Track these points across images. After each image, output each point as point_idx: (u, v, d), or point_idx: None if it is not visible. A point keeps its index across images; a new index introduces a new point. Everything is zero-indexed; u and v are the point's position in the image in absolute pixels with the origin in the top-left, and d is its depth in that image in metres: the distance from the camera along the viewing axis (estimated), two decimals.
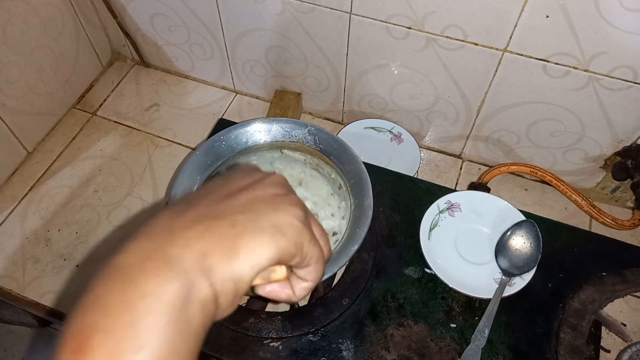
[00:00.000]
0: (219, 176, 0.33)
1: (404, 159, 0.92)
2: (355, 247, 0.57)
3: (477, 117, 0.88)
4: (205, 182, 0.63)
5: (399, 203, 0.73)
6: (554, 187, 0.89)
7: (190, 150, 1.00)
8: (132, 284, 0.23)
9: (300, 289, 0.30)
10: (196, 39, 1.00)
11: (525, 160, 0.92)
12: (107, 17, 1.04)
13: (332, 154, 0.67)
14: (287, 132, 0.69)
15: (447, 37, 0.76)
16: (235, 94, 1.10)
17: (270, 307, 0.69)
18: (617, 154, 0.83)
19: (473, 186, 0.88)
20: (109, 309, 0.22)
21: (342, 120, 1.04)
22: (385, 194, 0.74)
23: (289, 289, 0.30)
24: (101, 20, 1.07)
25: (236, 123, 0.69)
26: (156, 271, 0.23)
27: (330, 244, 0.36)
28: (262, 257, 0.25)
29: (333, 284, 0.66)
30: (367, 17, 0.79)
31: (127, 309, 0.22)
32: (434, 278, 0.66)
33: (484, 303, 0.64)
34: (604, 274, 0.66)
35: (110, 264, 0.24)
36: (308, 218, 0.30)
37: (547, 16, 0.67)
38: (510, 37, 0.72)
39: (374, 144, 0.95)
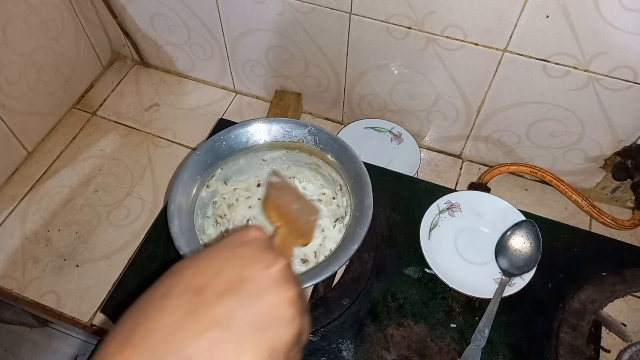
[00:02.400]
0: (230, 240, 0.34)
1: (404, 159, 0.92)
2: (355, 247, 0.57)
3: (477, 117, 0.88)
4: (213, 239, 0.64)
5: (399, 203, 0.73)
6: (554, 187, 0.89)
7: (190, 150, 1.00)
8: None
9: None
10: (196, 39, 1.00)
11: (525, 160, 0.92)
12: (107, 17, 1.04)
13: (332, 153, 0.67)
14: (287, 132, 0.69)
15: (447, 37, 0.76)
16: (235, 94, 1.10)
17: None
18: (617, 154, 0.83)
19: (473, 186, 0.88)
20: None
21: (342, 120, 1.04)
22: (385, 194, 0.74)
23: None
24: (101, 20, 1.07)
25: (236, 123, 0.69)
26: None
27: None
28: None
29: (333, 284, 0.66)
30: (367, 17, 0.79)
31: None
32: (434, 278, 0.66)
33: (484, 303, 0.64)
34: (604, 274, 0.66)
35: (123, 356, 0.26)
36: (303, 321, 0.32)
37: (547, 16, 0.67)
38: (510, 37, 0.72)
39: (374, 144, 0.95)
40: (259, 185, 0.71)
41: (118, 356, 0.26)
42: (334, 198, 0.69)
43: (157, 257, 0.69)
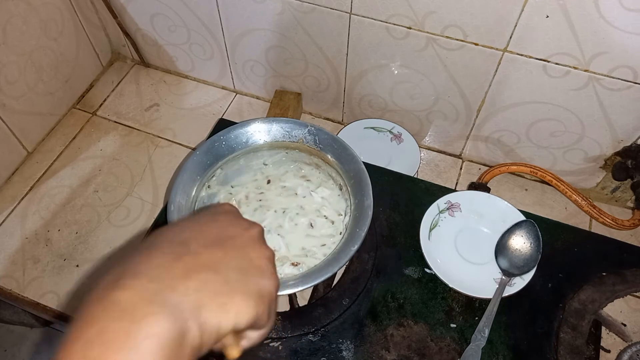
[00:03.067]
0: (205, 211, 0.36)
1: (404, 159, 0.92)
2: (355, 247, 0.57)
3: (477, 117, 0.88)
4: (195, 210, 0.64)
5: (399, 203, 0.73)
6: (554, 187, 0.89)
7: (190, 150, 1.00)
8: (136, 323, 0.24)
9: (243, 344, 0.33)
10: (196, 39, 1.00)
11: (525, 160, 0.92)
12: (107, 17, 1.04)
13: (332, 153, 0.67)
14: (287, 132, 0.68)
15: (447, 37, 0.76)
16: (235, 94, 1.10)
17: None
18: (617, 154, 0.83)
19: (473, 186, 0.88)
20: (113, 345, 0.24)
21: (342, 120, 1.04)
22: (385, 194, 0.74)
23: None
24: (101, 20, 1.07)
25: (236, 123, 0.69)
26: (158, 316, 0.25)
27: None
28: (244, 318, 0.28)
29: (333, 284, 0.66)
30: (367, 17, 0.79)
31: (132, 347, 0.24)
32: (434, 278, 0.66)
33: (484, 303, 0.64)
34: (604, 274, 0.66)
35: (112, 299, 0.25)
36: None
37: (547, 16, 0.67)
38: (510, 37, 0.72)
39: (374, 144, 0.95)
40: (268, 182, 0.70)
41: (109, 297, 0.25)
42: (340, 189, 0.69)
43: None
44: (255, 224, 0.35)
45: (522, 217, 0.68)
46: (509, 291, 0.63)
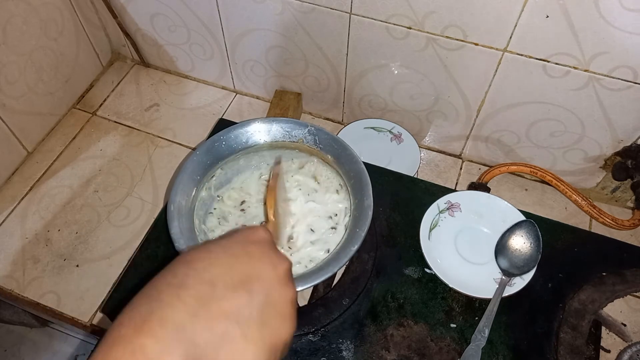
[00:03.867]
0: (238, 237, 0.35)
1: (404, 159, 0.92)
2: (355, 247, 0.57)
3: (477, 117, 0.88)
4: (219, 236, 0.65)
5: (399, 203, 0.73)
6: (554, 187, 0.89)
7: (190, 150, 1.00)
8: None
9: None
10: (196, 39, 1.00)
11: (525, 160, 0.92)
12: (107, 17, 1.04)
13: (332, 154, 0.67)
14: (287, 132, 0.69)
15: (447, 37, 0.76)
16: (235, 94, 1.10)
17: None
18: (617, 154, 0.83)
19: (473, 186, 0.88)
20: None
21: (342, 120, 1.04)
22: (385, 194, 0.74)
23: None
24: (101, 20, 1.07)
25: (236, 123, 0.69)
26: None
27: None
28: None
29: (333, 284, 0.66)
30: (367, 17, 0.79)
31: None
32: (434, 278, 0.66)
33: (484, 303, 0.64)
34: (604, 274, 0.66)
35: (139, 344, 0.27)
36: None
37: (547, 16, 0.67)
38: (510, 37, 0.72)
39: (374, 144, 0.95)
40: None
41: (134, 342, 0.27)
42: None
43: (157, 257, 0.69)
44: (284, 260, 0.35)
45: (522, 217, 0.68)
46: (509, 291, 0.63)
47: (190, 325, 0.28)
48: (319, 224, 0.65)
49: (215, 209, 0.68)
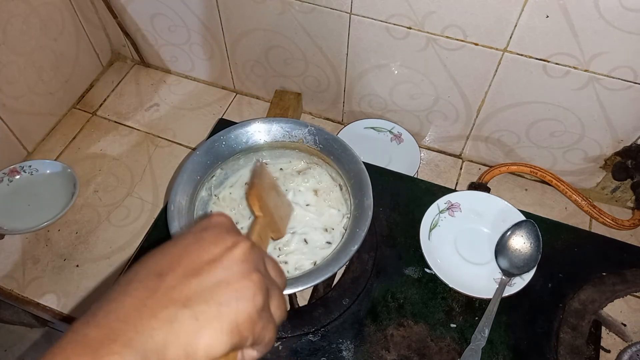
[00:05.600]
0: (194, 227, 0.35)
1: (404, 159, 0.92)
2: (355, 247, 0.57)
3: (477, 117, 0.88)
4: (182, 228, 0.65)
5: (399, 203, 0.73)
6: (554, 187, 0.89)
7: (190, 150, 1.00)
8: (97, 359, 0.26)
9: (248, 358, 0.33)
10: (196, 39, 1.00)
11: (525, 160, 0.92)
12: (107, 17, 1.04)
13: (332, 154, 0.67)
14: (287, 132, 0.68)
15: (447, 37, 0.76)
16: (235, 94, 1.10)
17: None
18: (617, 154, 0.83)
19: (473, 186, 0.88)
20: None
21: (342, 120, 1.04)
22: (385, 194, 0.74)
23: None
24: (101, 20, 1.07)
25: (236, 123, 0.69)
26: (120, 355, 0.26)
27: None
28: (218, 351, 0.29)
29: (333, 284, 0.66)
30: (367, 17, 0.79)
31: None
32: (434, 278, 0.66)
33: (484, 303, 0.64)
34: (604, 274, 0.66)
35: (82, 334, 0.27)
36: (268, 298, 0.32)
37: (547, 16, 0.67)
38: (511, 37, 0.72)
39: (374, 144, 0.95)
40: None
41: (80, 331, 0.27)
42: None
43: None
44: (241, 239, 0.33)
45: (522, 217, 0.68)
46: (509, 291, 0.63)
47: (136, 315, 0.28)
48: (314, 235, 0.65)
49: (211, 211, 0.68)
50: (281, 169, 0.71)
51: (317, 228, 0.65)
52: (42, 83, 0.97)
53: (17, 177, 0.91)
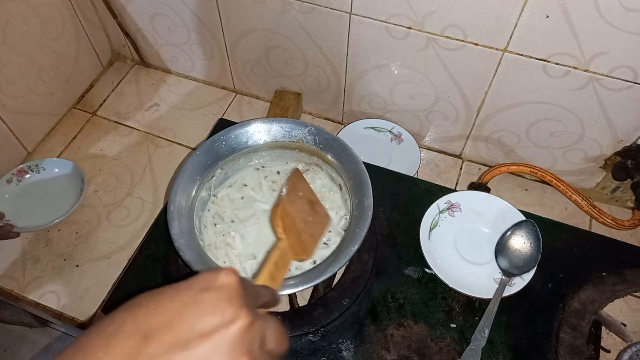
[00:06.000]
0: (195, 282, 0.31)
1: (404, 159, 0.92)
2: (355, 247, 0.57)
3: (477, 117, 0.88)
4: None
5: (399, 203, 0.73)
6: (554, 187, 0.89)
7: (190, 150, 1.00)
8: None
9: None
10: (196, 39, 1.00)
11: (525, 160, 0.92)
12: (107, 17, 1.04)
13: (332, 154, 0.67)
14: (287, 132, 0.69)
15: (447, 37, 0.76)
16: (235, 94, 1.10)
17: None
18: (617, 154, 0.83)
19: (473, 186, 0.88)
20: None
21: (342, 120, 1.04)
22: (385, 194, 0.74)
23: None
24: (101, 20, 1.07)
25: (236, 123, 0.69)
26: None
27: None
28: None
29: (333, 284, 0.66)
30: (367, 17, 0.79)
31: None
32: (434, 278, 0.66)
33: (484, 303, 0.64)
34: (604, 274, 0.66)
35: None
36: (264, 345, 0.31)
37: (547, 16, 0.67)
38: (511, 37, 0.72)
39: (374, 144, 0.95)
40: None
41: None
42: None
43: (157, 257, 0.69)
44: (241, 315, 0.29)
45: (522, 217, 0.69)
46: (509, 291, 0.63)
47: None
48: None
49: (209, 210, 0.68)
50: (278, 172, 0.71)
51: None
52: (42, 83, 0.97)
53: (27, 176, 0.92)
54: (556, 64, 0.73)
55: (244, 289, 0.32)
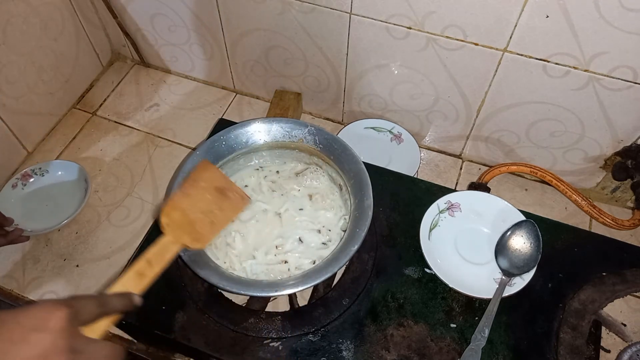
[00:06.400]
0: (31, 316, 0.32)
1: (404, 159, 0.92)
2: (355, 247, 0.57)
3: (477, 117, 0.88)
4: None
5: (399, 203, 0.73)
6: (554, 187, 0.89)
7: (190, 150, 1.00)
8: None
9: None
10: (196, 39, 1.00)
11: (525, 160, 0.92)
12: (107, 17, 1.04)
13: (332, 154, 0.67)
14: (287, 132, 0.69)
15: (447, 37, 0.76)
16: (235, 94, 1.10)
17: (270, 307, 0.69)
18: (617, 154, 0.83)
19: (473, 186, 0.88)
20: None
21: (342, 120, 1.04)
22: (385, 194, 0.74)
23: None
24: (101, 20, 1.07)
25: (236, 123, 0.69)
26: None
27: None
28: None
29: (333, 284, 0.66)
30: (367, 17, 0.79)
31: None
32: (434, 278, 0.66)
33: (484, 303, 0.64)
34: (604, 274, 0.66)
35: None
36: None
37: (547, 16, 0.67)
38: (511, 37, 0.72)
39: (374, 144, 0.95)
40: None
41: None
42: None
43: None
44: (39, 342, 0.31)
45: (522, 217, 0.68)
46: (509, 291, 0.63)
47: None
48: (309, 237, 0.65)
49: None
50: (277, 171, 0.71)
51: (311, 230, 0.65)
52: (42, 83, 0.97)
53: (31, 180, 0.92)
54: (556, 64, 0.73)
55: (75, 325, 0.33)
